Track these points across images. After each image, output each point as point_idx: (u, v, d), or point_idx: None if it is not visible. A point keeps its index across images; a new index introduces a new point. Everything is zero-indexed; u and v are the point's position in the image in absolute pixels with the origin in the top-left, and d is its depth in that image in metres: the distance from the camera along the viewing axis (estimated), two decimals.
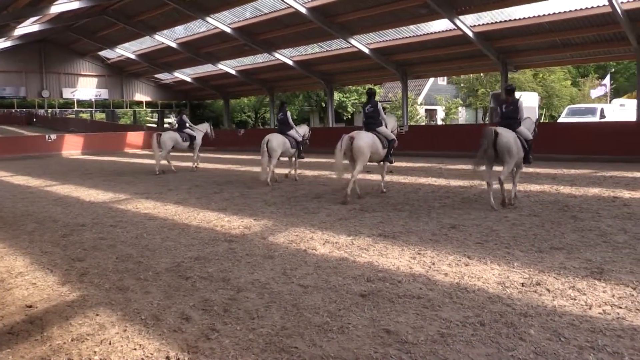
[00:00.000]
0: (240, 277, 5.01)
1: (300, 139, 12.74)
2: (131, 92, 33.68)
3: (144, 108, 41.25)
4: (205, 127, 17.12)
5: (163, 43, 25.07)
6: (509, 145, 7.96)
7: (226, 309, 4.18)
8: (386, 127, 10.03)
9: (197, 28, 23.75)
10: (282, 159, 12.81)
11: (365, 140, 9.26)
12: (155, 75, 32.95)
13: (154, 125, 44.91)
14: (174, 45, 25.05)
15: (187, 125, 16.43)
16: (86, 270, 5.40)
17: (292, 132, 12.60)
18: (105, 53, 30.58)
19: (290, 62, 23.87)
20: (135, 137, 31.60)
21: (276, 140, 12.02)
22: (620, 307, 3.91)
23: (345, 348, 3.40)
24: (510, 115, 8.47)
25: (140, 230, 7.41)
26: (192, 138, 16.26)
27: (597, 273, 4.71)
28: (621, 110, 28.35)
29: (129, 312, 4.20)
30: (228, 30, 21.59)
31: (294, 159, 12.97)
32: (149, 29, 23.88)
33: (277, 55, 23.38)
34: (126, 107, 37.86)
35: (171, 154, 16.74)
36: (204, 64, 27.59)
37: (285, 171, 13.62)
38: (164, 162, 16.39)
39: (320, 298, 4.34)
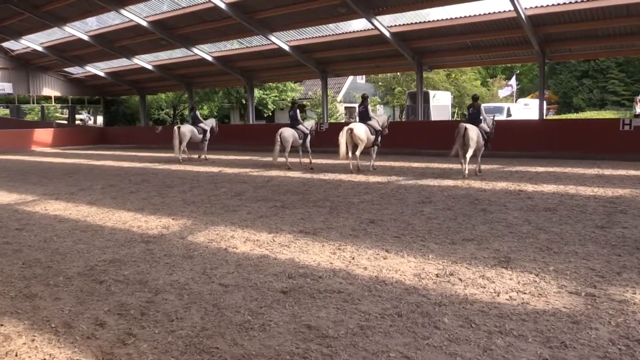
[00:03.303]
0: (159, 278, 4.87)
1: (307, 131, 15.06)
2: (39, 86, 31.58)
3: (53, 103, 38.84)
4: (211, 123, 18.79)
5: (74, 35, 23.72)
6: (474, 136, 11.13)
7: (143, 312, 4.04)
8: (378, 122, 13.31)
9: (110, 20, 22.66)
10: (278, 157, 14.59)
11: (360, 129, 12.51)
12: (66, 69, 31.10)
13: (65, 122, 42.47)
14: (85, 37, 23.78)
15: (200, 120, 18.46)
16: None
17: (300, 127, 14.95)
18: (8, 44, 28.43)
19: (209, 58, 23.38)
20: (44, 135, 29.72)
21: (288, 132, 14.40)
22: (525, 293, 4.19)
23: (266, 345, 3.40)
24: (475, 116, 11.97)
25: (50, 233, 7.01)
26: (204, 132, 18.16)
27: (505, 262, 5.02)
28: (525, 109, 30.38)
29: (38, 320, 3.96)
30: (144, 23, 20.80)
31: (304, 148, 15.18)
32: (58, 20, 22.51)
33: (195, 50, 22.82)
34: (33, 103, 35.46)
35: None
36: (118, 58, 26.42)
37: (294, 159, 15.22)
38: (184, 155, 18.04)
39: (241, 296, 4.31)
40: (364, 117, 13.23)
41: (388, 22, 17.61)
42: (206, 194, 10.04)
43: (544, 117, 18.80)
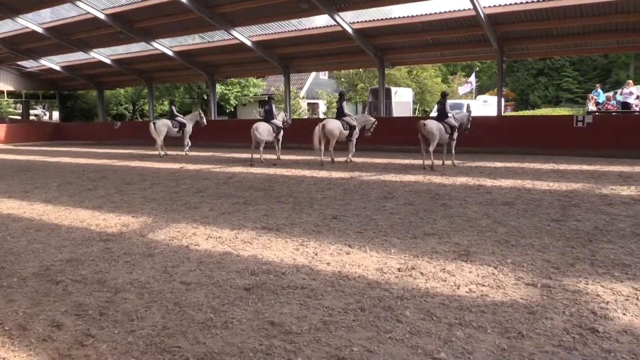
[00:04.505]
0: (118, 277, 4.76)
1: (281, 125, 15.30)
2: None
3: (6, 98, 37.42)
4: (194, 117, 18.71)
5: (27, 27, 22.89)
6: (432, 131, 12.10)
7: (102, 312, 3.95)
8: (354, 119, 14.47)
9: (66, 12, 21.92)
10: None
11: (332, 125, 13.73)
12: (19, 63, 29.93)
13: (18, 117, 41.01)
14: (39, 30, 22.95)
15: (176, 114, 18.51)
16: None
17: (274, 121, 15.18)
18: None
19: (169, 52, 22.94)
20: None
21: (263, 127, 14.59)
22: (484, 286, 4.29)
23: (229, 343, 3.37)
24: (442, 111, 12.91)
25: (3, 232, 6.76)
26: (181, 125, 18.25)
27: (464, 255, 5.12)
28: (484, 106, 31.00)
29: None
30: (101, 16, 20.21)
31: (277, 142, 15.51)
32: (9, 11, 21.65)
33: (155, 44, 22.34)
34: None
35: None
36: (74, 52, 25.58)
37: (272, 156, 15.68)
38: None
39: (203, 294, 4.26)
40: (340, 113, 14.35)
41: (350, 19, 17.66)
42: (167, 191, 9.87)
43: (502, 114, 19.22)
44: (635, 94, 21.41)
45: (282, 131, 15.38)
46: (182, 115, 18.95)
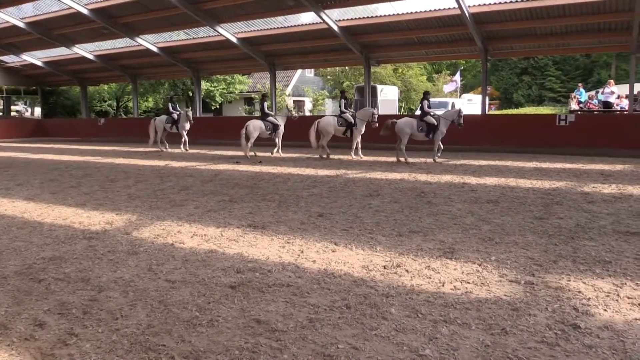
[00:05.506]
0: (102, 275, 4.72)
1: (278, 123, 15.88)
2: None
3: None
4: (184, 117, 18.95)
5: (8, 22, 22.53)
6: (401, 128, 13.32)
7: (86, 310, 3.91)
8: (352, 114, 14.90)
9: (48, 7, 21.63)
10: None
11: (325, 122, 14.79)
12: (0, 58, 29.53)
13: None
14: (21, 24, 22.62)
15: (170, 110, 19.10)
16: None
17: (270, 118, 15.78)
18: None
19: (154, 49, 22.74)
20: None
21: (253, 125, 15.22)
22: (468, 283, 4.33)
23: (215, 341, 3.36)
24: (422, 109, 13.63)
25: None
26: (174, 121, 18.96)
27: (449, 253, 5.16)
28: (469, 105, 31.23)
29: None
30: (84, 11, 19.97)
31: (276, 138, 16.13)
32: None
33: (139, 40, 22.13)
34: None
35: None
36: (57, 47, 25.26)
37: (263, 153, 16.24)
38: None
39: (188, 292, 4.24)
40: (341, 111, 15.06)
41: (336, 16, 17.66)
42: (152, 189, 9.80)
43: (487, 112, 19.38)
44: (616, 94, 21.74)
45: (280, 128, 15.91)
46: (178, 112, 19.29)
